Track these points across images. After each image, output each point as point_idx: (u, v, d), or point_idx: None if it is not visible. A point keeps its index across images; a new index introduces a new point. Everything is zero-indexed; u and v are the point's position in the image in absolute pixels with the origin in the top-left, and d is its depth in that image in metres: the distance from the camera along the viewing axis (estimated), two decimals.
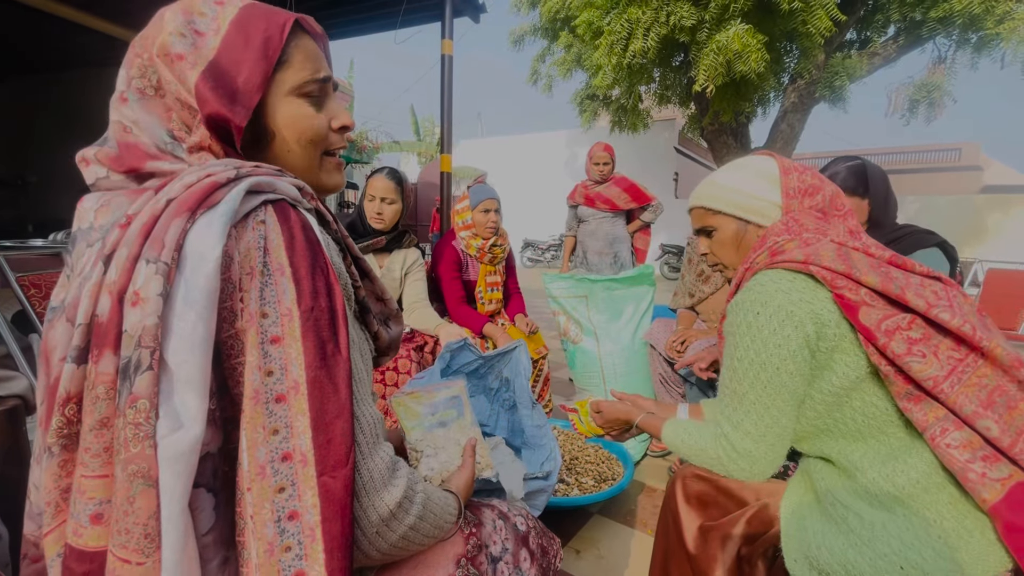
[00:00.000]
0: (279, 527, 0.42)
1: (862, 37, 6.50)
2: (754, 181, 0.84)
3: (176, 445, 0.40)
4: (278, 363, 0.44)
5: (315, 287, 0.46)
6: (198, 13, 0.51)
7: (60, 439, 0.42)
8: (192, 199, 0.44)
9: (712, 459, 0.78)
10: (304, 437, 0.43)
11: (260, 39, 0.51)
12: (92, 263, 0.45)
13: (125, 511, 0.39)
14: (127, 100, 0.50)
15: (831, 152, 20.26)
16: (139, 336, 0.40)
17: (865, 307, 0.68)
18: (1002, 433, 0.61)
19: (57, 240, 1.63)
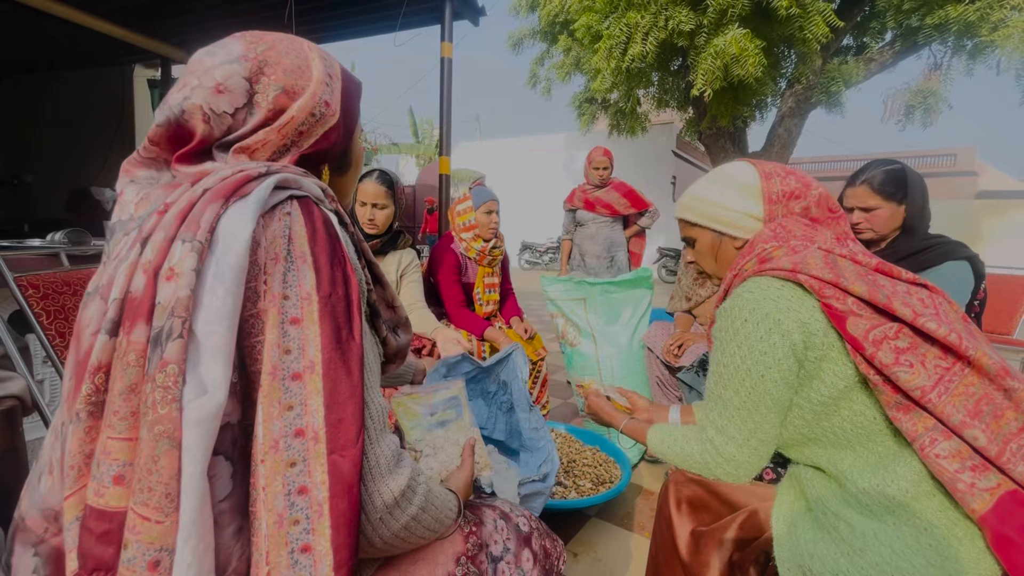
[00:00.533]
0: (289, 500, 0.44)
1: (859, 43, 6.55)
2: (728, 193, 0.85)
3: (200, 409, 0.42)
4: (296, 343, 0.46)
5: (333, 276, 0.49)
6: (324, 58, 0.59)
7: (88, 405, 0.44)
8: (227, 188, 0.48)
9: (699, 463, 0.79)
10: (317, 415, 0.45)
11: (356, 92, 0.62)
12: (130, 247, 0.48)
13: (149, 469, 0.41)
14: (227, 91, 0.53)
15: (828, 157, 20.36)
16: (172, 307, 0.43)
17: (853, 317, 0.68)
18: (989, 442, 0.61)
19: (55, 240, 1.63)
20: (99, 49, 4.68)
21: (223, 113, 0.52)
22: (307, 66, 0.56)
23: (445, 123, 3.63)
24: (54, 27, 3.99)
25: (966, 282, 1.32)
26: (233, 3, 3.70)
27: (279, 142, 0.54)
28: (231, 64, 0.53)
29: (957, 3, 4.81)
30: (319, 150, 0.57)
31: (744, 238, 0.85)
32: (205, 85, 0.52)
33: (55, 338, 1.09)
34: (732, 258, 0.87)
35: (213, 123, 0.52)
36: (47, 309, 1.08)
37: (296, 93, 0.54)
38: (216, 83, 0.52)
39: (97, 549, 0.42)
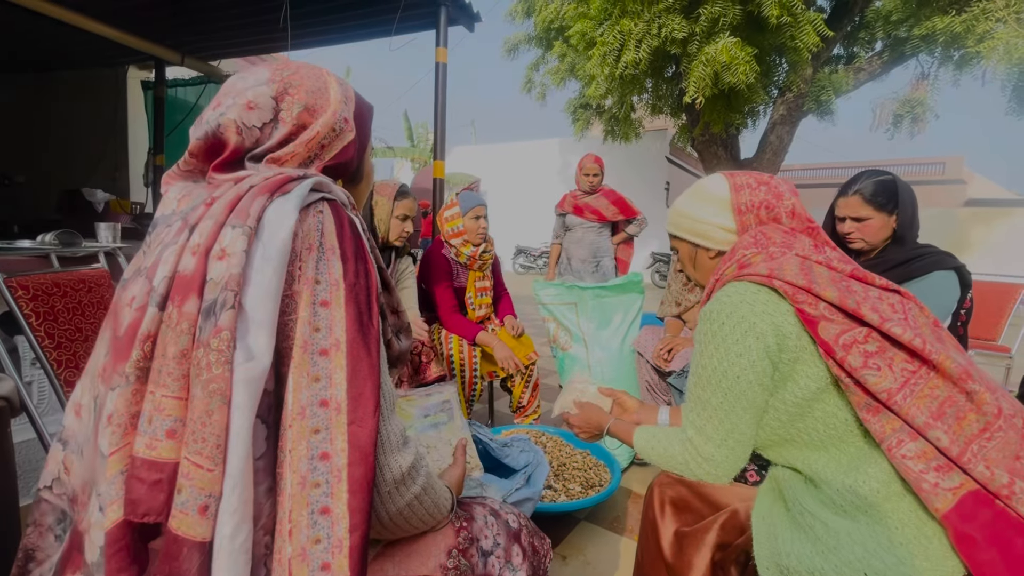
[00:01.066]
0: (311, 464, 0.49)
1: (848, 52, 6.65)
2: (701, 206, 0.90)
3: (249, 371, 0.47)
4: (325, 322, 0.52)
5: (357, 268, 0.55)
6: (340, 83, 0.66)
7: (136, 370, 0.48)
8: (271, 185, 0.55)
9: (680, 463, 0.80)
10: (340, 388, 0.50)
11: (367, 114, 0.70)
12: (176, 233, 0.53)
13: (203, 422, 0.46)
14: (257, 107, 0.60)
15: (819, 164, 20.57)
16: (225, 281, 0.48)
17: (824, 321, 0.70)
18: (952, 443, 0.63)
19: (46, 241, 1.62)
20: (93, 50, 4.67)
21: (253, 127, 0.59)
22: (326, 88, 0.63)
23: (440, 127, 3.65)
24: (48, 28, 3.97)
25: (952, 291, 1.36)
26: (229, 7, 3.70)
27: (305, 154, 0.61)
28: (260, 86, 0.60)
29: (944, 15, 4.91)
30: (338, 163, 0.64)
31: (716, 248, 0.89)
32: (238, 103, 0.59)
33: (44, 339, 1.08)
34: (708, 267, 0.92)
35: (244, 135, 0.59)
36: (36, 311, 1.08)
37: (317, 111, 0.62)
38: (247, 101, 0.59)
39: (148, 495, 0.46)
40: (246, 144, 0.59)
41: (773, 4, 4.20)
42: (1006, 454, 0.64)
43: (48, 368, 1.08)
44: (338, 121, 0.63)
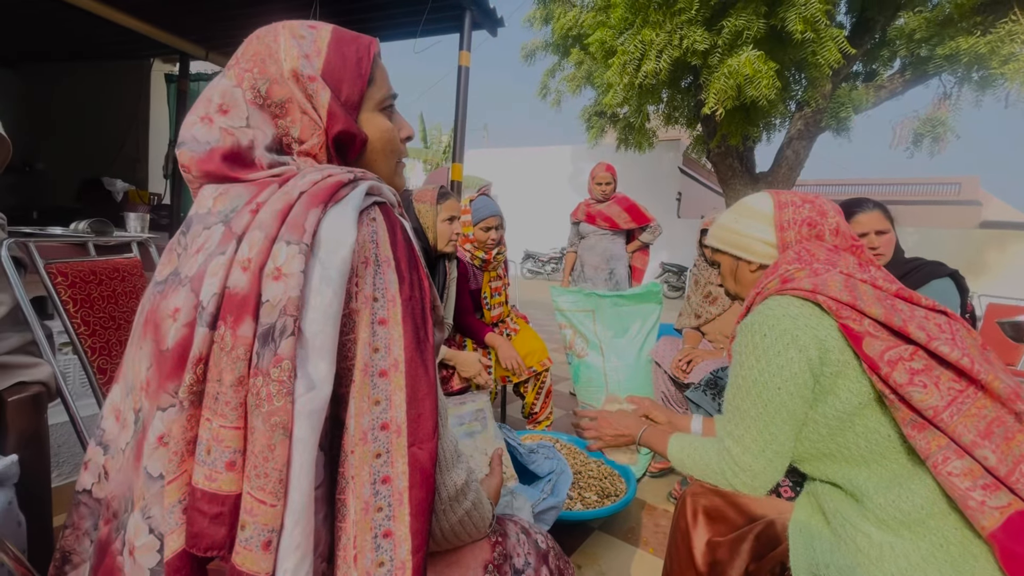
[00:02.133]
0: (374, 489, 0.47)
1: (868, 70, 6.63)
2: (746, 221, 0.92)
3: (311, 402, 0.45)
4: (383, 342, 0.50)
5: (412, 279, 0.52)
6: (299, 36, 0.57)
7: (190, 395, 0.46)
8: (324, 193, 0.50)
9: (716, 473, 0.80)
10: (400, 410, 0.49)
11: (354, 59, 0.58)
12: (219, 242, 0.50)
13: (266, 457, 0.44)
14: (229, 112, 0.54)
15: (833, 180, 20.47)
16: (283, 305, 0.46)
17: (869, 337, 0.70)
18: (999, 462, 0.63)
19: (79, 230, 1.64)
20: (119, 42, 4.73)
21: (241, 127, 0.54)
22: (274, 50, 0.55)
23: (459, 130, 3.67)
24: (77, 18, 4.03)
25: (953, 297, 1.41)
26: (258, 2, 3.75)
27: (319, 132, 0.55)
28: (221, 81, 0.55)
29: (968, 35, 4.88)
30: (337, 132, 0.56)
31: (758, 262, 0.90)
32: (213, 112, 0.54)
33: (80, 326, 1.10)
34: (749, 280, 0.93)
35: (238, 134, 0.54)
36: (74, 298, 1.09)
37: (280, 77, 0.54)
38: (219, 105, 0.54)
39: (211, 529, 0.45)
40: (243, 143, 0.54)
41: (797, 19, 4.20)
42: None
43: (83, 355, 1.09)
44: (304, 83, 0.54)
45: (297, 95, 0.55)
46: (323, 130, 0.56)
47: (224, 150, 0.54)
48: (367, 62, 0.59)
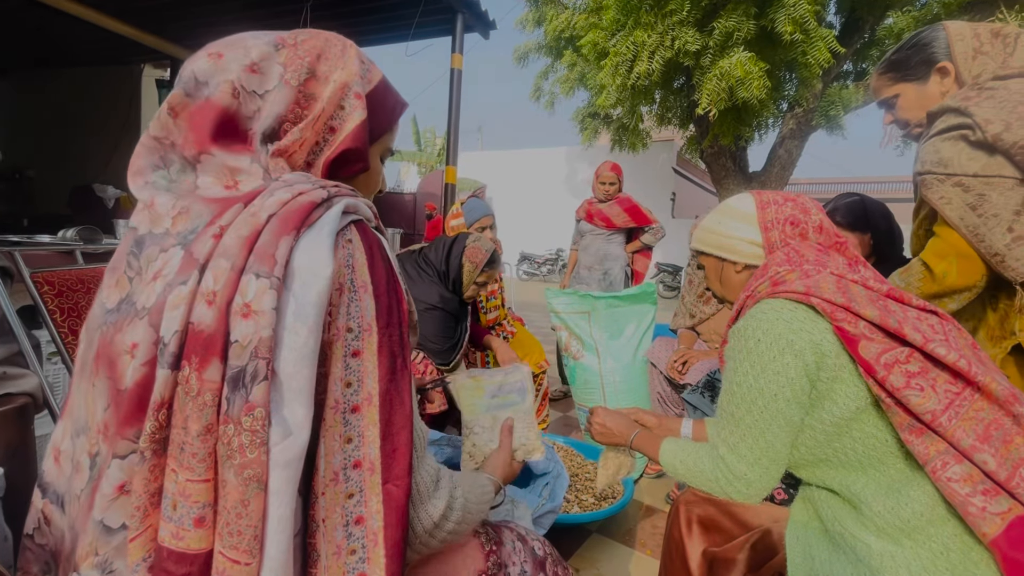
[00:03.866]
0: (347, 531, 0.45)
1: (858, 69, 6.68)
2: (729, 222, 0.91)
3: (287, 451, 0.42)
4: (356, 375, 0.46)
5: (390, 303, 0.49)
6: (363, 59, 0.59)
7: (152, 444, 0.42)
8: (295, 217, 0.46)
9: (710, 480, 0.79)
10: (373, 446, 0.46)
11: (392, 104, 0.63)
12: (179, 270, 0.45)
13: (239, 514, 0.41)
14: (257, 73, 0.51)
15: (826, 179, 20.61)
16: (254, 347, 0.42)
17: (865, 340, 0.69)
18: (999, 467, 0.62)
19: (67, 237, 1.62)
20: (110, 47, 4.70)
21: (253, 92, 0.51)
22: (340, 56, 0.55)
23: (452, 133, 3.67)
24: (66, 24, 4.01)
25: None
26: (248, 7, 3.74)
27: (313, 139, 0.53)
28: (268, 47, 0.52)
29: None
30: (346, 149, 0.55)
31: (744, 263, 0.90)
32: (241, 63, 0.50)
33: (68, 336, 1.08)
34: (735, 282, 0.92)
35: (242, 100, 0.50)
36: (61, 307, 1.08)
37: (323, 79, 0.53)
38: (251, 62, 0.51)
39: None
40: (243, 111, 0.51)
41: (787, 20, 4.22)
42: None
43: (71, 365, 1.08)
44: (347, 95, 0.54)
45: (328, 100, 0.54)
46: (320, 140, 0.54)
47: (219, 105, 0.49)
48: (398, 113, 0.64)
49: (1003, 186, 0.94)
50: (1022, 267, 0.95)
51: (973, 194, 0.97)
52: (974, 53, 1.03)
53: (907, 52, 1.10)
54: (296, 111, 0.53)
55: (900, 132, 1.22)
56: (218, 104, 0.50)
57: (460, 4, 3.48)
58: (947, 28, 1.06)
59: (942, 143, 1.01)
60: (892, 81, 1.14)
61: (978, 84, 1.00)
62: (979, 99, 0.96)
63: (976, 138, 0.95)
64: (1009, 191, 0.94)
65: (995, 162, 0.94)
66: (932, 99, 1.08)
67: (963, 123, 0.97)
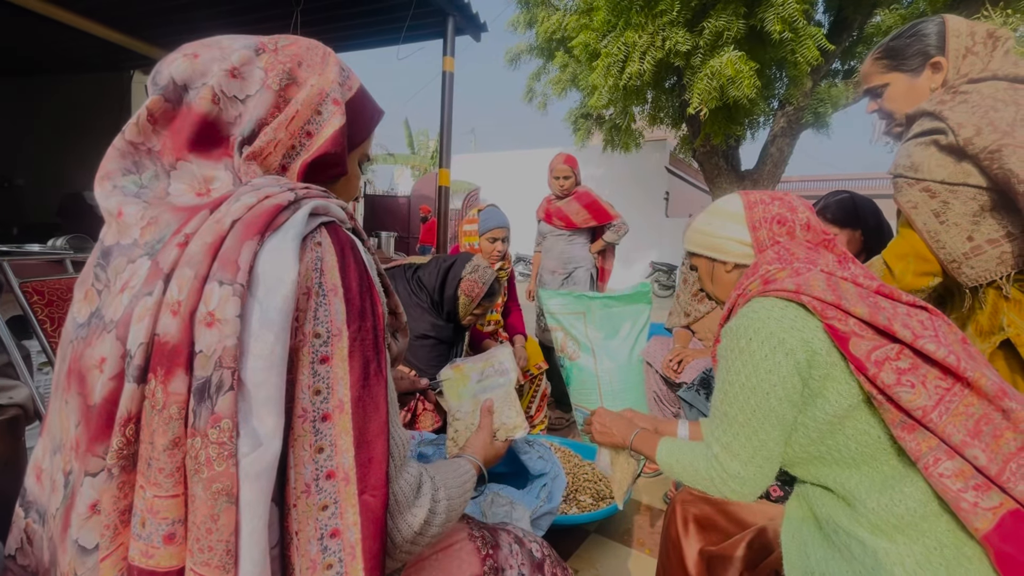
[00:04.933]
0: (322, 544, 0.43)
1: (847, 67, 6.73)
2: (718, 222, 0.92)
3: (258, 463, 0.41)
4: (326, 382, 0.45)
5: (363, 307, 0.48)
6: (342, 67, 0.59)
7: (120, 460, 0.41)
8: (260, 221, 0.45)
9: (705, 479, 0.80)
10: (347, 455, 0.45)
11: (369, 112, 0.63)
12: (145, 280, 0.44)
13: (209, 529, 0.40)
14: (238, 79, 0.51)
15: (817, 176, 20.75)
16: (219, 357, 0.41)
17: (855, 337, 0.70)
18: (989, 462, 0.63)
19: (57, 246, 1.61)
20: (99, 54, 4.68)
21: (234, 98, 0.50)
22: (320, 62, 0.56)
23: (445, 135, 3.67)
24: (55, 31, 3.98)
25: None
26: (239, 13, 3.73)
27: (288, 142, 0.52)
28: (248, 51, 0.52)
29: None
30: (322, 154, 0.54)
31: (733, 262, 0.91)
32: (222, 67, 0.50)
33: (57, 345, 1.07)
34: (726, 281, 0.93)
35: (223, 105, 0.49)
36: (51, 316, 1.07)
37: (302, 82, 0.54)
38: (232, 66, 0.50)
39: None
40: (224, 117, 0.50)
41: (776, 19, 4.25)
42: None
43: None
44: (325, 101, 0.54)
45: (303, 103, 0.53)
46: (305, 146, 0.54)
47: (201, 112, 0.49)
48: (376, 121, 0.65)
49: (966, 195, 0.96)
50: (975, 275, 0.99)
51: (938, 201, 0.99)
52: (965, 52, 1.03)
53: (906, 40, 1.09)
54: (275, 114, 0.53)
55: (883, 125, 1.23)
56: (199, 112, 0.49)
57: (451, 7, 3.49)
58: (947, 22, 1.05)
59: (915, 147, 1.02)
60: (885, 69, 1.13)
61: (953, 88, 1.01)
62: (953, 103, 0.97)
63: (947, 142, 0.96)
64: (971, 200, 0.96)
65: (962, 169, 0.96)
66: (921, 94, 1.08)
67: (936, 127, 0.98)
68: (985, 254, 0.97)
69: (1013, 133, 0.88)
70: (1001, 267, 0.97)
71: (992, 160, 0.90)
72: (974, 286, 1.01)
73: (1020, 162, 0.87)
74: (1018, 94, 0.93)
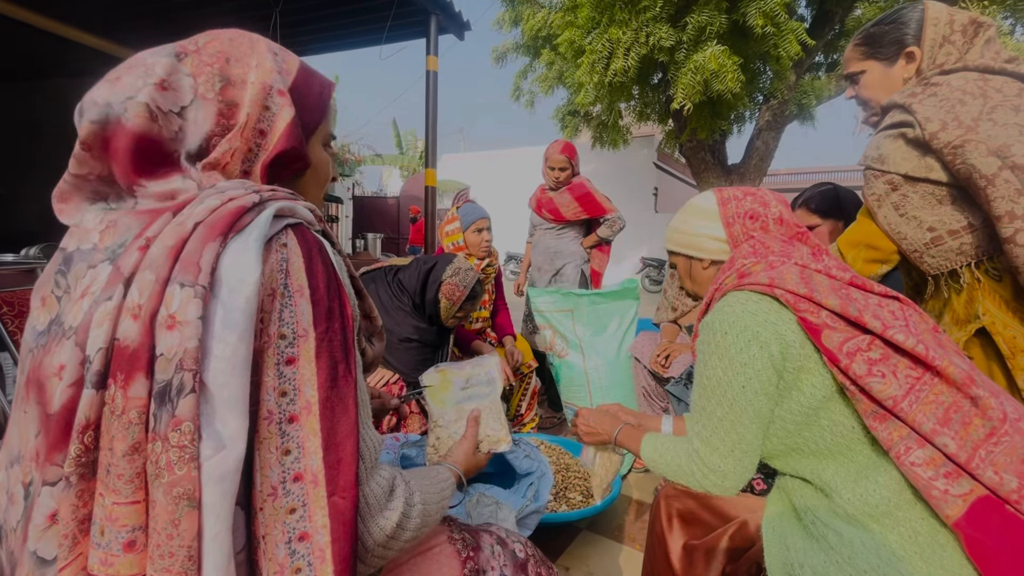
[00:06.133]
0: (290, 548, 0.43)
1: (829, 60, 6.80)
2: (693, 220, 0.93)
3: (222, 465, 0.40)
4: (292, 384, 0.45)
5: (330, 307, 0.47)
6: (274, 51, 0.55)
7: (78, 468, 0.41)
8: (222, 223, 0.44)
9: (686, 474, 0.80)
10: (315, 457, 0.44)
11: (317, 90, 0.59)
12: (105, 285, 0.44)
13: (169, 534, 0.39)
14: (168, 92, 0.49)
15: (805, 168, 20.95)
16: (180, 359, 0.40)
17: (827, 330, 0.71)
18: (959, 449, 0.64)
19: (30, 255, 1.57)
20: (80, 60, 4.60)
21: (170, 112, 0.48)
22: (248, 55, 0.53)
23: (431, 135, 3.65)
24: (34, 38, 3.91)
25: None
26: (217, 16, 3.68)
27: (244, 148, 0.51)
28: (171, 59, 0.50)
29: None
30: (281, 152, 0.53)
31: (709, 259, 0.92)
32: (148, 82, 0.48)
33: None
34: (704, 278, 0.94)
35: (161, 122, 0.48)
36: (22, 327, 1.05)
37: (239, 83, 0.51)
38: (160, 79, 0.48)
39: None
40: (164, 134, 0.48)
41: (757, 14, 4.28)
42: (1013, 458, 0.64)
43: None
44: (271, 95, 0.52)
45: (251, 104, 0.51)
46: (252, 144, 0.52)
47: (137, 131, 0.47)
48: (327, 97, 0.60)
49: (925, 189, 0.98)
50: (937, 264, 1.01)
51: (898, 194, 1.01)
52: (942, 41, 1.02)
53: (885, 28, 1.09)
54: (222, 123, 0.51)
55: (862, 114, 1.25)
56: (134, 129, 0.47)
57: (433, 6, 3.47)
58: (926, 9, 1.05)
59: (884, 139, 1.04)
60: (863, 56, 1.13)
61: (925, 79, 1.01)
62: (923, 96, 0.98)
63: (914, 135, 0.97)
64: (929, 194, 0.98)
65: (925, 164, 0.97)
66: (895, 83, 1.09)
67: (905, 120, 0.99)
68: (945, 244, 0.99)
69: (976, 128, 0.89)
70: (961, 257, 0.99)
71: (955, 155, 0.91)
72: (936, 274, 1.03)
73: (981, 157, 0.88)
74: (988, 86, 0.94)
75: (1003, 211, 0.86)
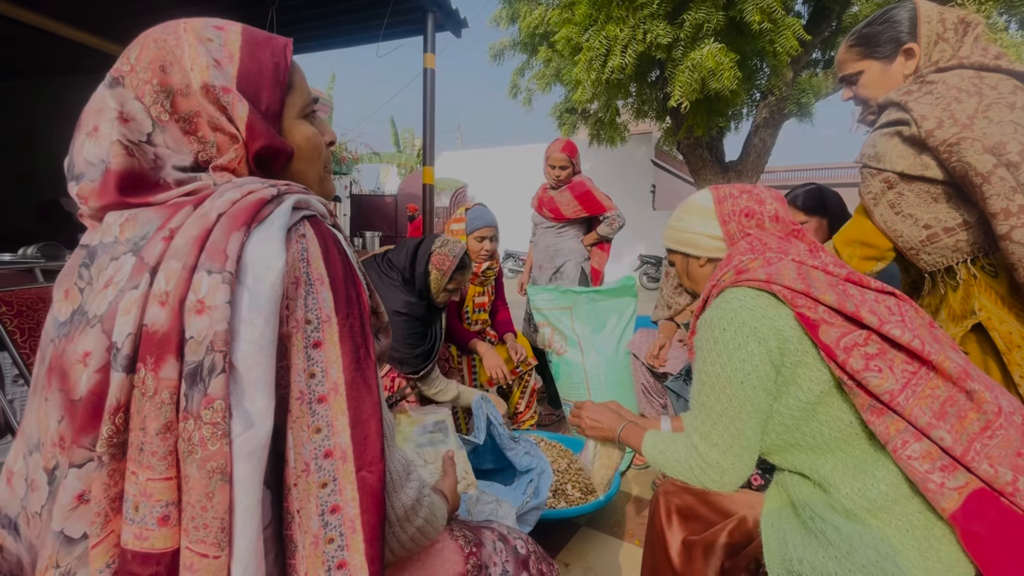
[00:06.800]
0: (323, 520, 0.45)
1: (827, 57, 6.80)
2: (689, 218, 0.94)
3: (251, 442, 0.43)
4: (320, 366, 0.47)
5: (348, 296, 0.49)
6: (205, 40, 0.51)
7: (110, 448, 0.43)
8: (245, 214, 0.46)
9: (685, 470, 0.81)
10: (344, 435, 0.47)
11: (271, 64, 0.54)
12: (130, 275, 0.45)
13: (204, 507, 0.41)
14: (130, 123, 0.49)
15: (801, 165, 20.98)
16: (210, 341, 0.42)
17: (824, 325, 0.71)
18: (955, 442, 0.64)
19: (28, 255, 1.57)
20: (73, 58, 4.57)
21: (140, 142, 0.49)
22: (181, 54, 0.50)
23: (428, 133, 3.64)
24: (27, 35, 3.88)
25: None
26: (213, 12, 3.66)
27: (237, 147, 0.51)
28: (113, 88, 0.49)
29: None
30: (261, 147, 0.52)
31: (706, 256, 0.92)
32: (111, 118, 0.48)
33: (29, 356, 1.05)
34: (700, 275, 0.95)
35: (138, 154, 0.49)
36: (21, 327, 1.05)
37: (188, 88, 0.49)
38: (119, 112, 0.48)
39: None
40: (144, 165, 0.49)
41: (754, 10, 4.28)
42: (1008, 451, 0.65)
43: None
44: (217, 96, 0.49)
45: (208, 108, 0.50)
46: (242, 144, 0.52)
47: (119, 172, 0.48)
48: (285, 66, 0.54)
49: (920, 187, 0.99)
50: (933, 261, 1.02)
51: (894, 192, 1.02)
52: (936, 38, 1.03)
53: (878, 27, 1.10)
54: (192, 139, 0.51)
55: (859, 113, 1.25)
56: (118, 169, 0.48)
57: (430, 3, 3.45)
58: (918, 8, 1.05)
59: (880, 137, 1.04)
60: (859, 56, 1.13)
61: (921, 77, 1.01)
62: (919, 94, 0.98)
63: (910, 133, 0.97)
64: (924, 192, 0.99)
65: (920, 162, 0.97)
66: (895, 80, 1.09)
67: (901, 118, 0.99)
68: (941, 241, 1.00)
69: (972, 126, 0.90)
70: (957, 254, 1.00)
71: (951, 153, 0.92)
72: (932, 271, 1.04)
73: (977, 155, 0.88)
74: (983, 83, 0.94)
75: (998, 208, 0.87)
